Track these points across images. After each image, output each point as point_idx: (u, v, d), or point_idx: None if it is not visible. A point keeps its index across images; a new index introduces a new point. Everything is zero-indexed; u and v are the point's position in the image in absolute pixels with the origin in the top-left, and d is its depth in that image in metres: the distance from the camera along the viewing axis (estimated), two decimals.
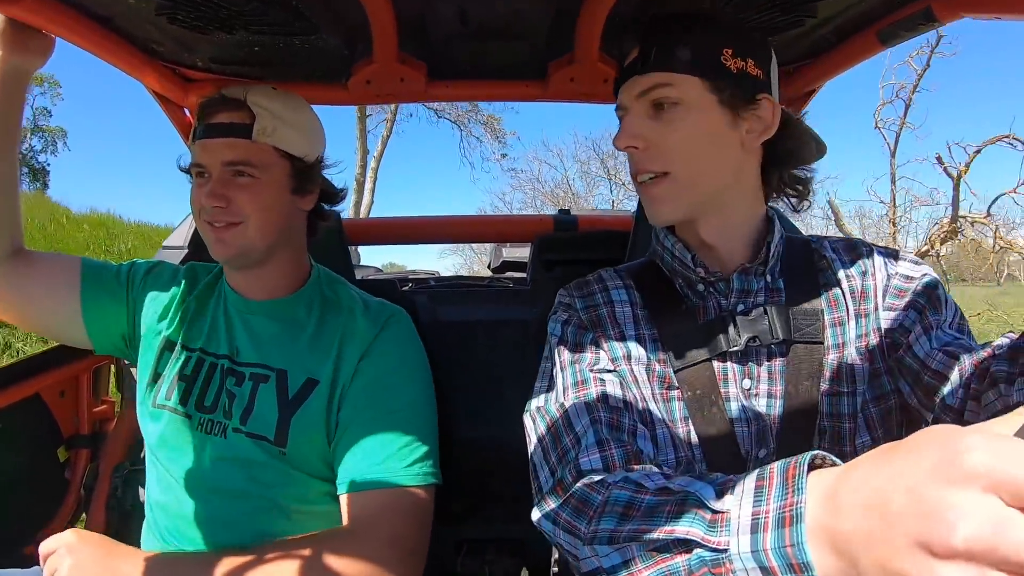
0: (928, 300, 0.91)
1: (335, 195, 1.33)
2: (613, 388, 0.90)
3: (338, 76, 1.46)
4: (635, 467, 0.76)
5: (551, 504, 0.78)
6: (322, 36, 1.28)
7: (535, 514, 0.81)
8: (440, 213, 2.98)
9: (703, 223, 0.95)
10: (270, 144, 1.13)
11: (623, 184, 18.42)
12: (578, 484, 0.76)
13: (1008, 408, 0.61)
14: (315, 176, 1.22)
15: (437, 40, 1.34)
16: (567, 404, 0.88)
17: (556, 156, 23.17)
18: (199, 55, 1.38)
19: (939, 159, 8.85)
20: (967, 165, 8.72)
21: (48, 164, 30.34)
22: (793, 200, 1.03)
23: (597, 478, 0.75)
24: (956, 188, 8.96)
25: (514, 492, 1.64)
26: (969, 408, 0.80)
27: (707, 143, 0.89)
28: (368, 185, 16.78)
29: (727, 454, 0.89)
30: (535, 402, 0.94)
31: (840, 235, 1.05)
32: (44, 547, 0.97)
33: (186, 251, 1.78)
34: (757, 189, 0.98)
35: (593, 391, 0.89)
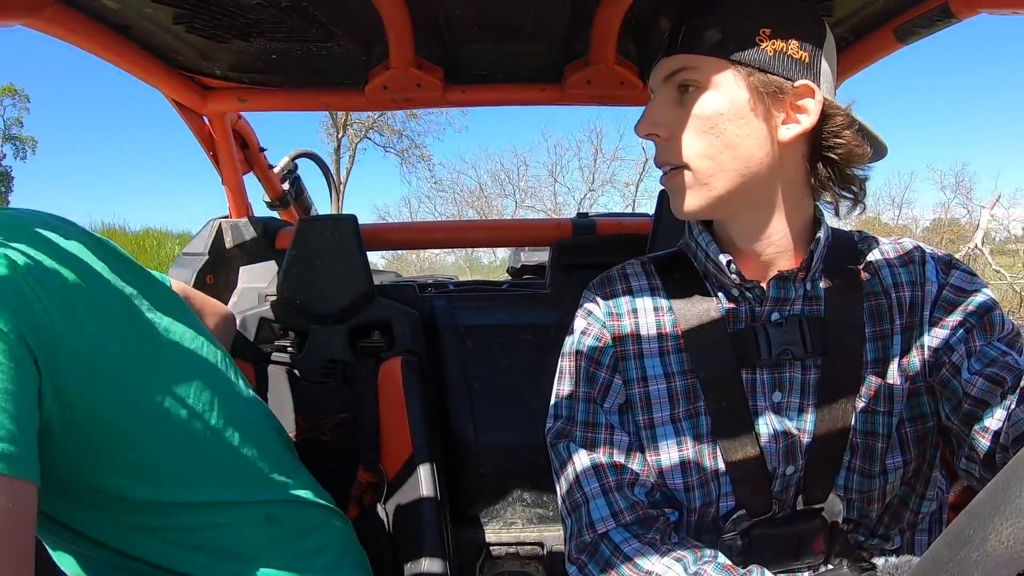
0: (979, 319, 0.83)
1: None
2: (619, 437, 0.89)
3: (356, 82, 1.46)
4: (639, 530, 0.84)
5: (581, 558, 0.87)
6: (338, 42, 1.28)
7: (570, 569, 0.89)
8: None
9: (735, 225, 0.88)
10: None
11: (521, 191, 24.58)
12: (601, 546, 0.85)
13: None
14: None
15: (453, 44, 1.34)
16: (578, 458, 0.89)
17: (471, 168, 30.52)
18: (217, 63, 1.39)
19: None
20: None
21: (12, 169, 32.20)
22: (848, 202, 0.88)
23: (614, 543, 0.84)
24: None
25: (533, 497, 1.64)
26: (1004, 430, 0.74)
27: (730, 132, 0.80)
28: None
29: (753, 470, 0.86)
30: (553, 426, 0.94)
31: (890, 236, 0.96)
32: None
33: (206, 258, 1.79)
34: (802, 188, 0.87)
35: (601, 436, 0.89)
